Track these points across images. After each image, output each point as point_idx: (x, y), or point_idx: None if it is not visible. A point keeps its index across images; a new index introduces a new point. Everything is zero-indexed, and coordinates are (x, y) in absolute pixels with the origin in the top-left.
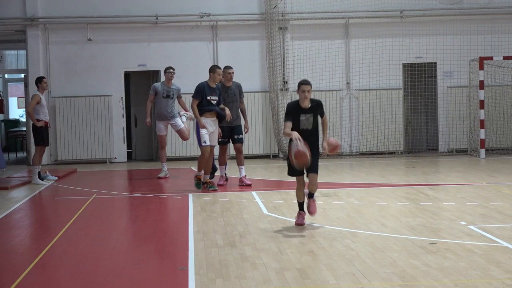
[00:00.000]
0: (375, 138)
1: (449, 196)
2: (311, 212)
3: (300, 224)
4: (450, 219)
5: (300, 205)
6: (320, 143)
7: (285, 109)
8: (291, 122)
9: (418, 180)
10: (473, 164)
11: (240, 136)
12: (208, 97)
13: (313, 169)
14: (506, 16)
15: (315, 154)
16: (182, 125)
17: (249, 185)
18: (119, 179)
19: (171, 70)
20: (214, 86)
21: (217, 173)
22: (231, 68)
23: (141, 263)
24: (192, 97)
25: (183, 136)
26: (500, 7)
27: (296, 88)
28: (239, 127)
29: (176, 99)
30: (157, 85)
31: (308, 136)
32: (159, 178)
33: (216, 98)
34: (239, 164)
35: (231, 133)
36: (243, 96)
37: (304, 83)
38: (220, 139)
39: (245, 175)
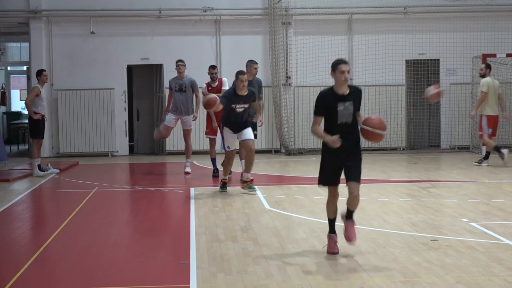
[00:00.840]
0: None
1: (451, 193)
2: (349, 239)
3: (333, 253)
4: (452, 216)
5: (331, 224)
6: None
7: (315, 100)
8: (322, 117)
9: (420, 177)
10: (475, 161)
11: (255, 132)
12: (233, 105)
13: (353, 175)
14: (510, 13)
15: (356, 156)
16: (190, 127)
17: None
18: (120, 173)
19: (180, 63)
20: (243, 93)
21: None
22: (256, 63)
23: (142, 257)
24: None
25: (186, 135)
26: (503, 4)
27: (331, 70)
28: (254, 123)
29: (192, 93)
30: (171, 79)
31: (348, 132)
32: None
33: (244, 106)
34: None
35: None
36: (262, 92)
37: (342, 61)
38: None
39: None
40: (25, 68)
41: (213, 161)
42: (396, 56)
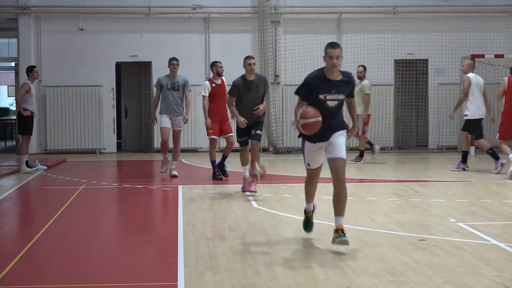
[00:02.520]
0: (366, 134)
1: (439, 193)
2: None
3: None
4: (439, 216)
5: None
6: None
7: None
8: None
9: (408, 177)
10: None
11: (259, 132)
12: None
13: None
14: (498, 14)
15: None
16: (181, 128)
17: (254, 192)
18: (108, 170)
19: (174, 62)
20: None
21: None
22: (252, 58)
23: (130, 254)
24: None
25: (176, 137)
26: (492, 5)
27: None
28: (261, 123)
29: (182, 93)
30: (161, 78)
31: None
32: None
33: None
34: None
35: (249, 128)
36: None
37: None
38: (238, 139)
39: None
40: (13, 64)
41: (214, 163)
42: (385, 55)
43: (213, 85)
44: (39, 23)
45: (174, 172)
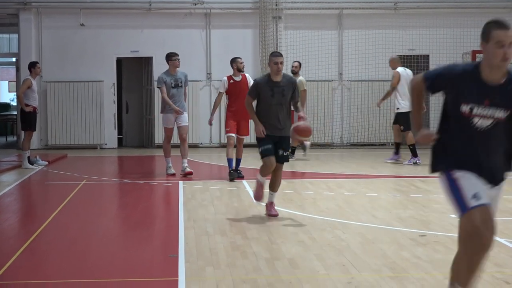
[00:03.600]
0: (366, 130)
1: (439, 189)
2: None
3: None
4: (440, 212)
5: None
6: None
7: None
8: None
9: (409, 172)
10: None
11: (286, 154)
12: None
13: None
14: (500, 10)
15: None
16: (187, 123)
17: (275, 215)
18: (109, 165)
19: (178, 57)
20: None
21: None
22: (280, 55)
23: (131, 250)
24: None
25: (182, 132)
26: (493, 0)
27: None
28: (287, 140)
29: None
30: (163, 76)
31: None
32: (168, 175)
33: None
34: (273, 189)
35: (275, 145)
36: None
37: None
38: (261, 148)
39: (273, 202)
40: (14, 59)
41: (230, 162)
42: (386, 51)
43: (231, 81)
44: (40, 19)
45: (189, 169)
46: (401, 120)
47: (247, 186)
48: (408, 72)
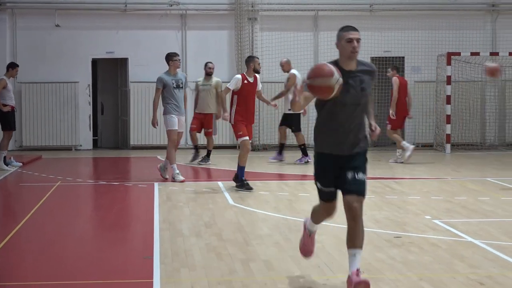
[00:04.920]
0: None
1: (415, 190)
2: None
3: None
4: (415, 213)
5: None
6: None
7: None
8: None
9: (384, 174)
10: (438, 158)
11: (361, 177)
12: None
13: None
14: (475, 12)
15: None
16: (183, 129)
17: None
18: (84, 167)
19: (179, 57)
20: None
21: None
22: (355, 30)
23: (106, 252)
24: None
25: (180, 138)
26: (469, 3)
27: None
28: (363, 156)
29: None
30: (163, 76)
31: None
32: (174, 181)
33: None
34: (352, 246)
35: (335, 164)
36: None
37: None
38: (320, 187)
39: (358, 270)
40: None
41: (243, 170)
42: (361, 53)
43: (245, 81)
44: (15, 19)
45: (181, 177)
46: (293, 121)
47: (223, 188)
48: (299, 75)
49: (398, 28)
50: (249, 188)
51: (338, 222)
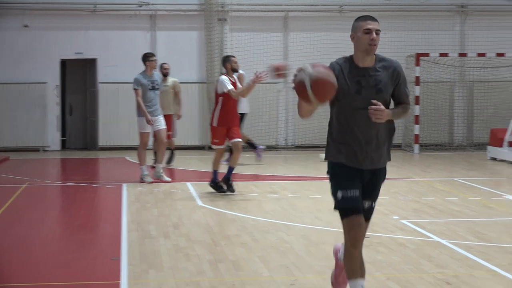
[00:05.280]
0: (311, 132)
1: (383, 191)
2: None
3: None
4: (383, 213)
5: None
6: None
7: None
8: None
9: None
10: (407, 159)
11: (375, 204)
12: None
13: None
14: (443, 13)
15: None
16: (164, 126)
17: None
18: (52, 168)
19: (156, 58)
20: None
21: None
22: (374, 20)
23: (73, 253)
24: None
25: (161, 137)
26: (438, 4)
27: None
28: (384, 175)
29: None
30: (139, 77)
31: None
32: (143, 182)
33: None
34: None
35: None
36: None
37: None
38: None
39: None
40: None
41: (216, 174)
42: (332, 54)
43: (231, 81)
44: None
45: (167, 178)
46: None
47: (191, 188)
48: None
49: None
50: (222, 191)
51: (306, 223)
